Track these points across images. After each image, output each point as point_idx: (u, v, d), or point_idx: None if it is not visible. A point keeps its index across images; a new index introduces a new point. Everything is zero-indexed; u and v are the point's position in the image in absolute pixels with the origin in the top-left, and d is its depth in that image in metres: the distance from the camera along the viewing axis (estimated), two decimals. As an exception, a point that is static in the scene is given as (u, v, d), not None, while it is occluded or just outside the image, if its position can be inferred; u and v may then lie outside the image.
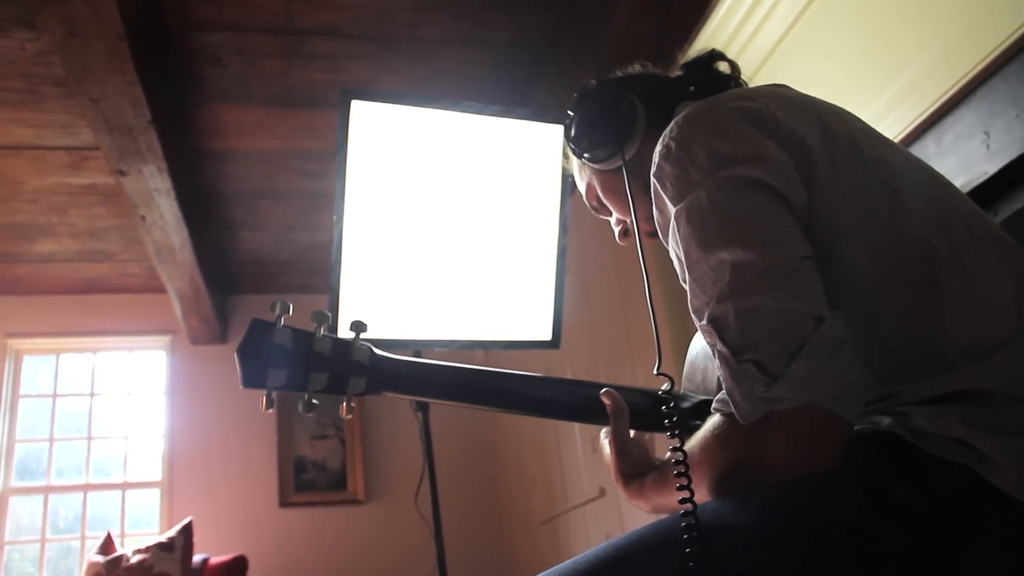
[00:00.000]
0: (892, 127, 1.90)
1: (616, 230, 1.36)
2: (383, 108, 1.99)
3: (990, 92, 1.71)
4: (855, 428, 0.89)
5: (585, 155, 1.26)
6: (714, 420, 0.93)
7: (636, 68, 1.35)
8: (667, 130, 1.02)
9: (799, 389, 0.84)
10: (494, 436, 5.43)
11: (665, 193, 0.98)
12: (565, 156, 1.39)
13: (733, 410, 0.88)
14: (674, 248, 0.99)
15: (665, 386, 1.04)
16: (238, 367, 0.99)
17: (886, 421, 0.88)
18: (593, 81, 1.31)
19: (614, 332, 3.47)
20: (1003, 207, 1.72)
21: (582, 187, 1.38)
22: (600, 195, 1.33)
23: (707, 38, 2.50)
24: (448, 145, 2.05)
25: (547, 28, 3.38)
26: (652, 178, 1.01)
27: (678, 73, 1.32)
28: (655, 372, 1.04)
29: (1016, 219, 1.68)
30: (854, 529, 0.82)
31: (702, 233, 0.93)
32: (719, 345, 0.90)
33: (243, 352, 1.00)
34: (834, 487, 0.85)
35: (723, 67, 1.30)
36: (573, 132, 1.26)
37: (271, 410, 1.02)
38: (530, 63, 3.56)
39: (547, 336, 2.17)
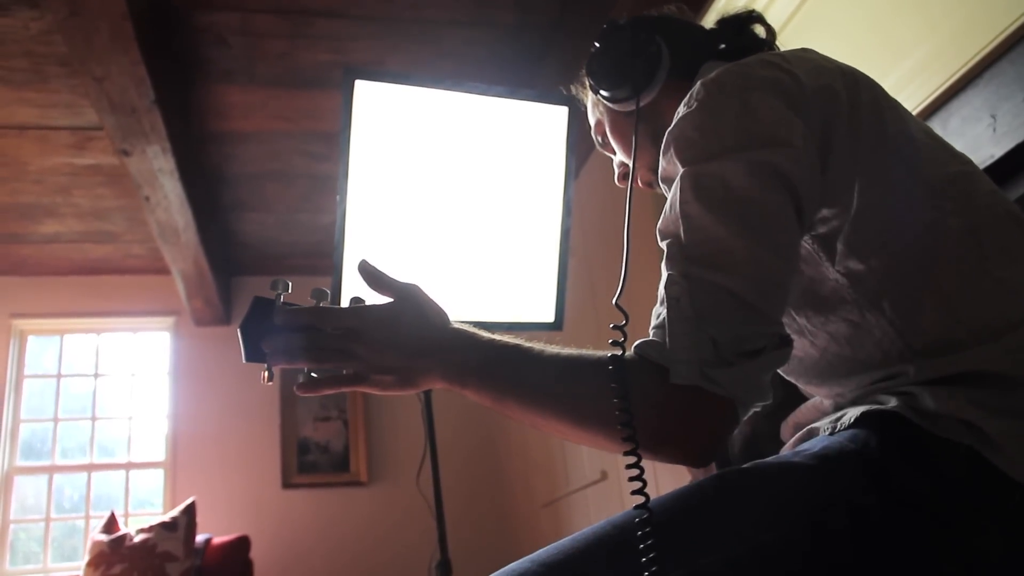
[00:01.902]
0: (899, 109, 1.89)
1: (617, 171, 1.34)
2: (387, 88, 1.98)
3: (998, 75, 1.69)
4: (862, 407, 0.89)
5: (601, 93, 1.22)
6: (634, 360, 0.89)
7: (671, 9, 1.31)
8: (695, 90, 0.98)
9: (734, 387, 0.83)
10: (497, 419, 5.44)
11: (679, 153, 0.95)
12: (580, 85, 1.35)
13: (663, 362, 0.85)
14: (668, 201, 0.96)
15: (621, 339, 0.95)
16: (240, 342, 1.01)
17: (892, 401, 0.88)
18: (624, 16, 1.26)
19: (617, 314, 3.46)
20: (1009, 190, 1.71)
21: (592, 120, 1.35)
22: (608, 132, 1.30)
23: (720, 11, 2.48)
24: (452, 126, 2.04)
25: (553, 9, 3.36)
26: (668, 135, 0.98)
27: (713, 27, 1.28)
28: (614, 302, 0.99)
29: (1022, 203, 1.68)
30: (855, 510, 0.82)
31: (710, 203, 0.90)
32: (685, 301, 0.86)
33: (244, 328, 1.01)
34: (836, 468, 0.85)
35: (759, 30, 1.26)
36: (594, 67, 1.21)
37: (272, 386, 1.04)
38: (535, 45, 3.54)
39: (550, 318, 2.16)
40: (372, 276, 1.08)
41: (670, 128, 0.98)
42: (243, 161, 4.27)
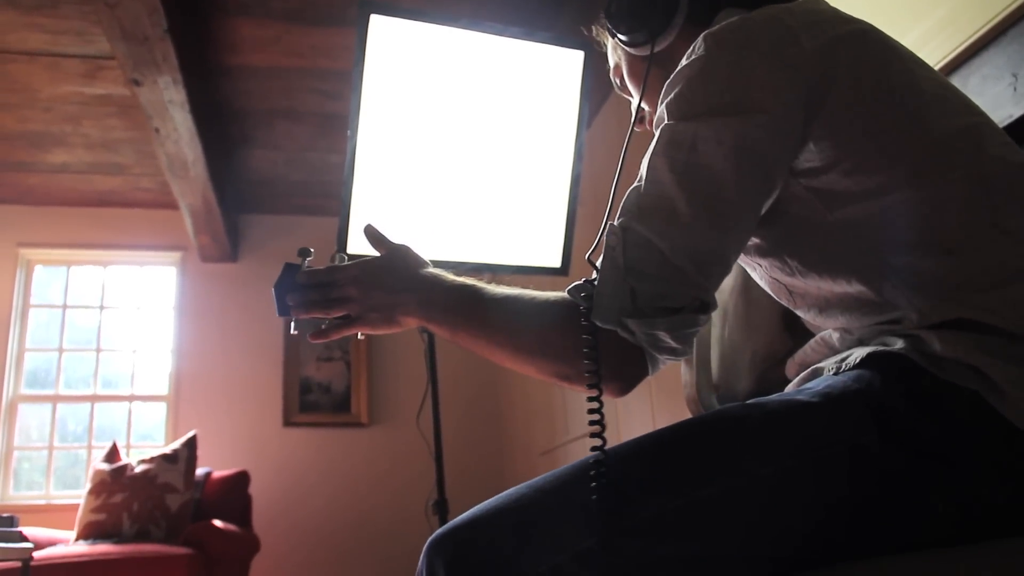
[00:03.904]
0: (919, 66, 1.87)
1: (634, 115, 1.35)
2: (402, 24, 1.95)
3: (1021, 34, 1.67)
4: (868, 348, 0.90)
5: (619, 36, 1.23)
6: (564, 298, 0.98)
7: None
8: (696, 43, 1.00)
9: (647, 338, 0.90)
10: (499, 366, 5.47)
11: (668, 105, 0.99)
12: (600, 28, 1.35)
13: (586, 303, 0.92)
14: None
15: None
16: (274, 300, 1.21)
17: (899, 343, 0.88)
18: None
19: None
20: (1027, 151, 1.70)
21: (611, 62, 1.35)
22: (625, 75, 1.31)
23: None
24: (467, 66, 2.02)
25: (573, -47, 3.31)
26: (667, 84, 1.01)
27: None
28: (586, 257, 1.05)
29: (1039, 163, 1.66)
30: (854, 448, 0.83)
31: (673, 162, 0.94)
32: (619, 251, 0.93)
33: (277, 288, 1.20)
34: (839, 406, 0.86)
35: None
36: (613, 9, 1.22)
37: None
38: (554, -11, 3.50)
39: (556, 263, 2.16)
40: (374, 236, 1.26)
41: (670, 78, 1.01)
42: (254, 96, 4.24)
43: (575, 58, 2.08)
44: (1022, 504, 0.82)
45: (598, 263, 0.95)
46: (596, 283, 0.93)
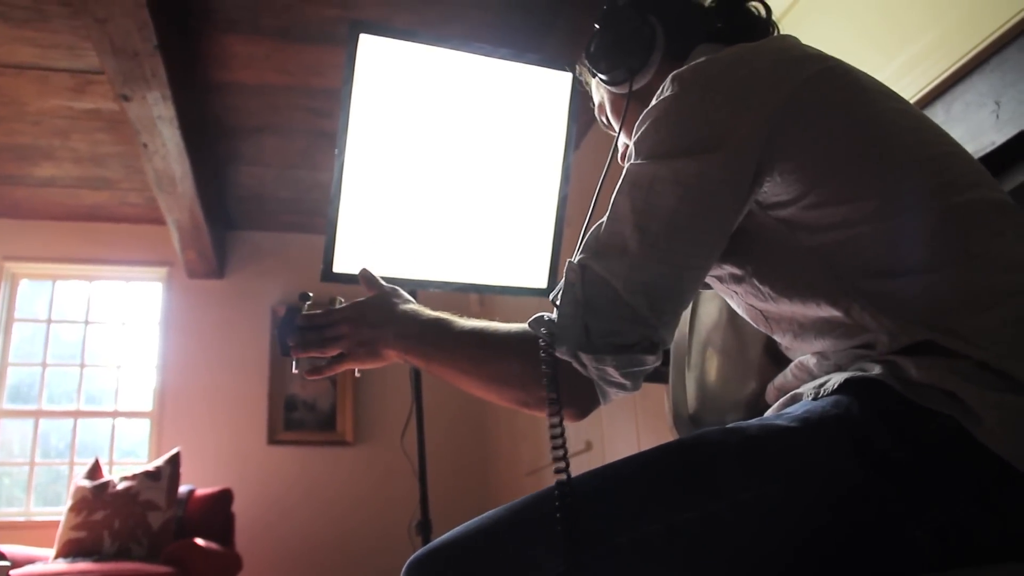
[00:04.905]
0: (903, 92, 1.85)
1: (620, 151, 1.36)
2: (392, 44, 1.96)
3: (1004, 61, 1.68)
4: (846, 374, 0.90)
5: (599, 75, 1.26)
6: (524, 330, 1.03)
7: None
8: (666, 83, 1.03)
9: (597, 372, 0.95)
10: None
11: (635, 144, 1.02)
12: (583, 66, 1.38)
13: (549, 329, 0.97)
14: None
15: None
16: (277, 342, 1.36)
17: (876, 369, 0.88)
18: None
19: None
20: (1009, 178, 1.71)
21: (595, 99, 1.38)
22: (609, 114, 1.34)
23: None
24: (455, 87, 2.02)
25: (563, -24, 3.34)
26: (637, 123, 1.03)
27: (711, 3, 1.29)
28: (550, 298, 1.06)
29: (1022, 190, 1.67)
30: (832, 473, 0.83)
31: (633, 202, 0.97)
32: (578, 287, 0.96)
33: (279, 330, 1.31)
34: (817, 431, 0.86)
35: (756, 7, 1.28)
36: (592, 49, 1.25)
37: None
38: (545, 10, 3.51)
39: (542, 284, 2.16)
40: (367, 280, 1.34)
41: (640, 117, 1.03)
42: (243, 113, 4.24)
43: (563, 80, 2.09)
44: (1000, 531, 0.82)
45: (557, 300, 0.99)
46: (556, 317, 0.97)
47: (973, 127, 1.73)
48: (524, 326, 1.04)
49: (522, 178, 2.11)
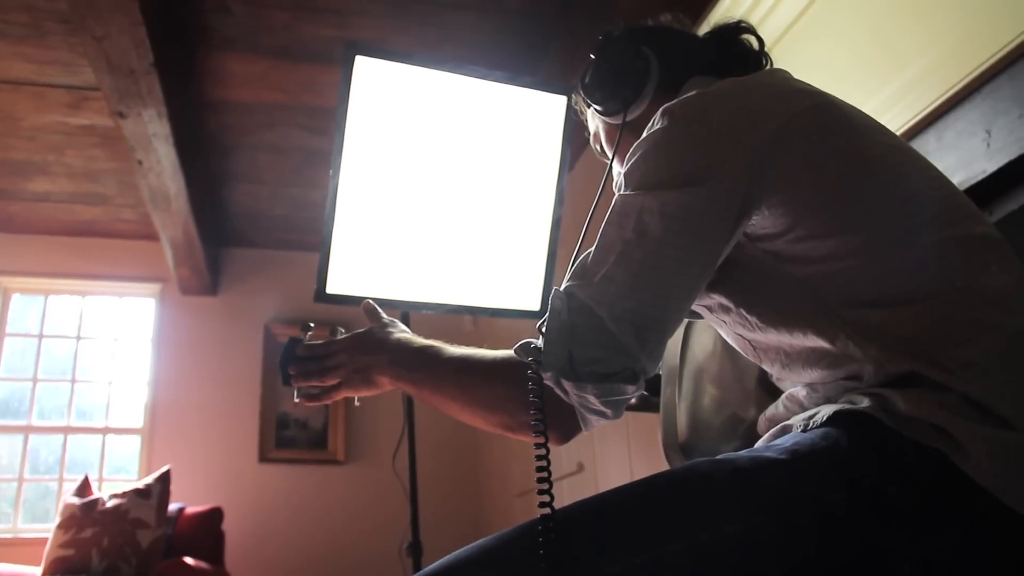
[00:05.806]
0: (895, 120, 1.90)
1: (615, 178, 1.37)
2: (387, 66, 1.97)
3: (995, 90, 1.70)
4: (835, 406, 0.90)
5: (594, 106, 1.27)
6: (510, 357, 1.05)
7: (666, 19, 1.34)
8: (656, 115, 1.04)
9: (578, 399, 0.96)
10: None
11: (625, 175, 1.03)
12: (578, 95, 1.39)
13: (534, 356, 0.98)
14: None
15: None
16: (279, 372, 1.37)
17: (864, 402, 0.88)
18: (620, 27, 1.30)
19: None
20: (1000, 207, 1.72)
21: (591, 128, 1.40)
22: (603, 143, 1.35)
23: (718, 18, 2.48)
24: (450, 108, 2.03)
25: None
26: (628, 154, 1.05)
27: (705, 36, 1.31)
28: (536, 326, 1.08)
29: (1013, 219, 1.68)
30: (822, 506, 0.83)
31: (621, 232, 0.99)
32: (564, 315, 0.97)
33: (281, 361, 1.36)
34: (806, 464, 0.86)
35: (749, 39, 1.29)
36: (587, 79, 1.26)
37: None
38: (539, 33, 3.53)
39: (535, 307, 2.16)
40: (369, 312, 1.39)
41: (631, 148, 1.05)
42: (239, 131, 4.25)
43: (558, 103, 2.10)
44: (987, 565, 0.82)
45: (543, 327, 0.99)
46: (542, 343, 0.98)
47: (965, 155, 1.75)
48: (510, 352, 1.05)
49: (516, 200, 2.12)
